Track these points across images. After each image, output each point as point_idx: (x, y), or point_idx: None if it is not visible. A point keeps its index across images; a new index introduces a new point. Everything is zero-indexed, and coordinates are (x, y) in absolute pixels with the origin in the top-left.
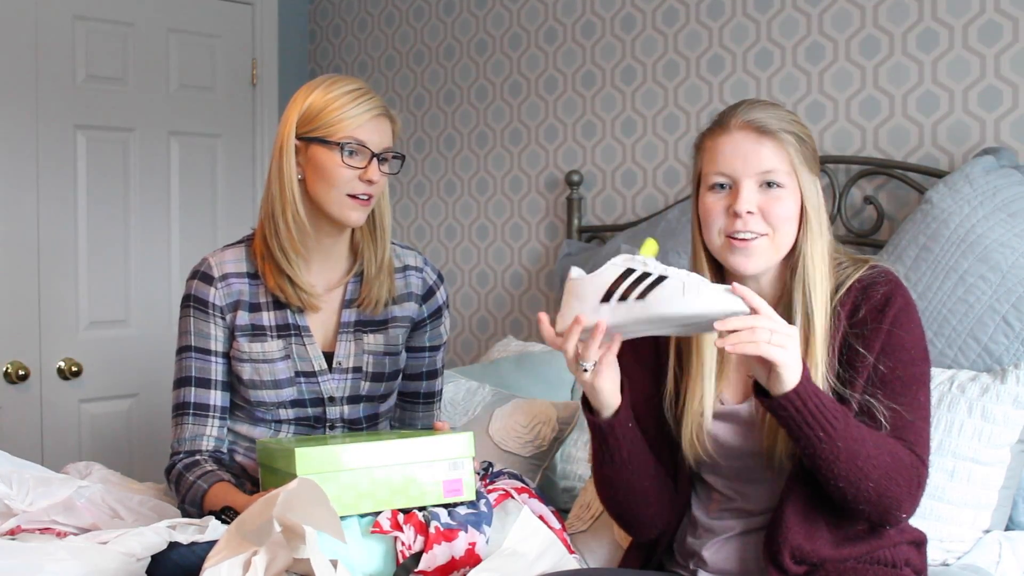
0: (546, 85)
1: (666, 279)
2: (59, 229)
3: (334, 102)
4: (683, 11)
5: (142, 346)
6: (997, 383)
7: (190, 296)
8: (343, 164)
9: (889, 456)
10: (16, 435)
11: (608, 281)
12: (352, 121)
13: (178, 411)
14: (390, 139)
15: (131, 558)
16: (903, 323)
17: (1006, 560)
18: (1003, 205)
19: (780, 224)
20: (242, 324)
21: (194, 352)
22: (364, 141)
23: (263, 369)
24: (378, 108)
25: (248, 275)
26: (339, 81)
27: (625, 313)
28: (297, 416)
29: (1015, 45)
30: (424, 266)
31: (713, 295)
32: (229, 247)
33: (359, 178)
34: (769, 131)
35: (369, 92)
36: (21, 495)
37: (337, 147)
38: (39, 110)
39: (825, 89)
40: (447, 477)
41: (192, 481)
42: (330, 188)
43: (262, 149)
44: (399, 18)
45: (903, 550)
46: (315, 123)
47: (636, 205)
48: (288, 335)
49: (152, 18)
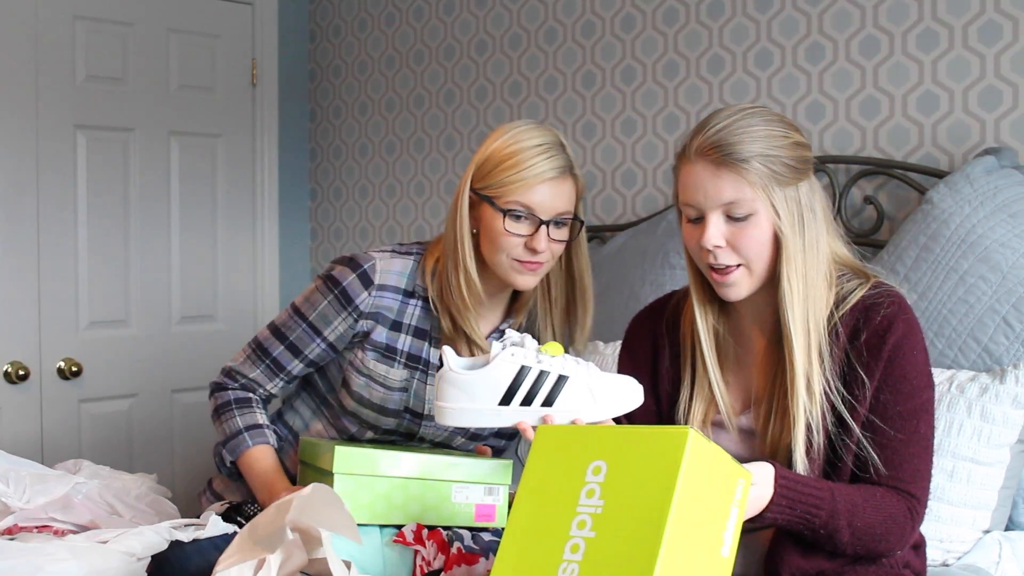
0: (546, 85)
1: (567, 380)
2: (59, 229)
3: (511, 158)
4: (683, 11)
5: (142, 346)
6: (996, 383)
7: (339, 284)
8: (506, 232)
9: (882, 515)
10: (16, 435)
11: (503, 382)
12: (524, 184)
13: (259, 353)
14: (569, 201)
15: (131, 558)
16: (904, 351)
17: (1006, 560)
18: (1004, 205)
19: (751, 254)
20: (377, 340)
21: (307, 325)
22: (532, 207)
23: (377, 392)
24: (556, 169)
25: (404, 292)
26: (529, 132)
27: (531, 416)
28: (378, 440)
29: (1015, 45)
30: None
31: (624, 393)
32: (398, 256)
33: (525, 245)
34: (727, 160)
35: (553, 149)
36: (18, 493)
37: (502, 213)
38: (39, 110)
39: (825, 89)
40: (481, 501)
41: (239, 427)
42: (496, 251)
43: (262, 149)
44: (399, 18)
45: (902, 554)
46: (489, 180)
47: (636, 205)
48: (416, 368)
49: (152, 18)
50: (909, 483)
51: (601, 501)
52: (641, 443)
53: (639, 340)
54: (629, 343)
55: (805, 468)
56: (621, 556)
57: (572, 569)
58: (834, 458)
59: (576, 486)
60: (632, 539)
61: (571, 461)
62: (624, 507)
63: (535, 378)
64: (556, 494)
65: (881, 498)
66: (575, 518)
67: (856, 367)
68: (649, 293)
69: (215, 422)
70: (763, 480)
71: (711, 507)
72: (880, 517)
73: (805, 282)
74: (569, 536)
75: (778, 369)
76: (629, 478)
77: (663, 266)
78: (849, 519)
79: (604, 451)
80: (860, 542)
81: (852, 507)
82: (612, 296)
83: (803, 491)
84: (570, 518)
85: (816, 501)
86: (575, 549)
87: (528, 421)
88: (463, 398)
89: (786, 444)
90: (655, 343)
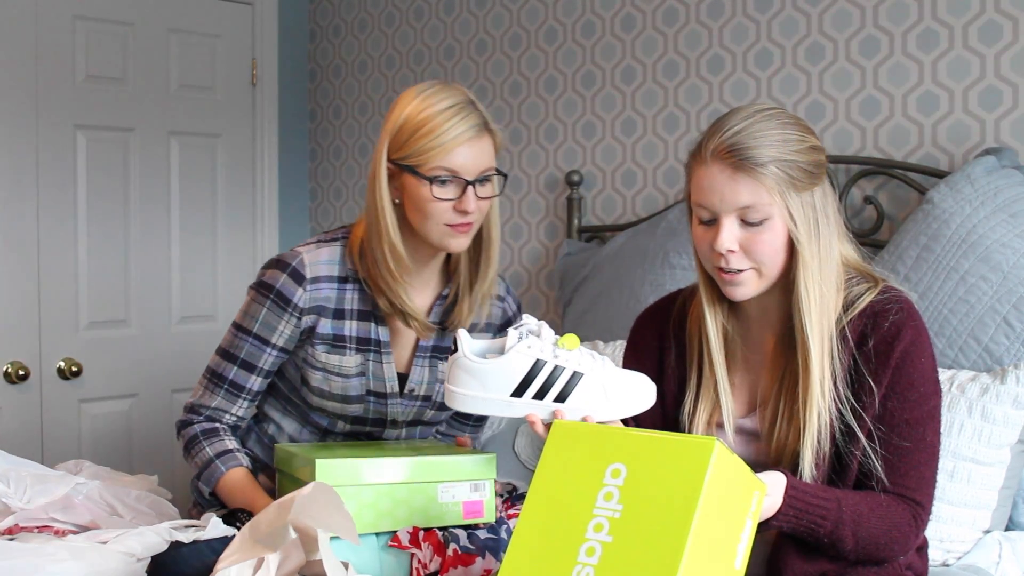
0: (546, 85)
1: (582, 376)
2: (59, 229)
3: (426, 124)
4: (683, 11)
5: (142, 346)
6: (997, 383)
7: (273, 288)
8: (434, 199)
9: (886, 524)
10: (16, 435)
11: (517, 374)
12: (443, 148)
13: (213, 380)
14: (490, 157)
15: (131, 558)
16: (913, 358)
17: (1006, 560)
18: (1004, 205)
19: (764, 259)
20: (323, 333)
21: (253, 338)
22: (456, 170)
23: (335, 382)
24: (472, 129)
25: (339, 279)
26: (437, 95)
27: (542, 411)
28: (353, 431)
29: (1015, 45)
30: (507, 295)
31: (638, 393)
32: (324, 245)
33: (454, 208)
34: (744, 164)
35: (466, 108)
36: (19, 493)
37: (427, 181)
38: (39, 110)
39: (825, 89)
40: (468, 498)
41: (210, 458)
42: (425, 219)
43: (262, 149)
44: (399, 18)
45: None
46: (407, 149)
47: (636, 205)
48: (367, 350)
49: (152, 18)
50: (914, 491)
51: (620, 505)
52: (665, 450)
53: (645, 339)
54: (635, 342)
55: (812, 474)
56: (639, 565)
57: (587, 573)
58: (839, 465)
59: (594, 487)
60: (652, 548)
61: (589, 461)
62: (644, 514)
63: (549, 372)
64: (572, 494)
65: (886, 507)
66: (592, 520)
67: (863, 373)
68: (649, 293)
69: (187, 458)
70: (774, 490)
71: (729, 519)
72: (884, 527)
73: (821, 288)
74: (585, 539)
75: (786, 371)
76: (651, 485)
77: (663, 266)
78: (854, 528)
79: (624, 454)
80: (864, 550)
81: (857, 517)
82: (612, 296)
83: (811, 501)
84: (586, 520)
85: (822, 512)
86: (591, 552)
87: (538, 415)
88: (475, 386)
89: (792, 448)
90: (661, 343)
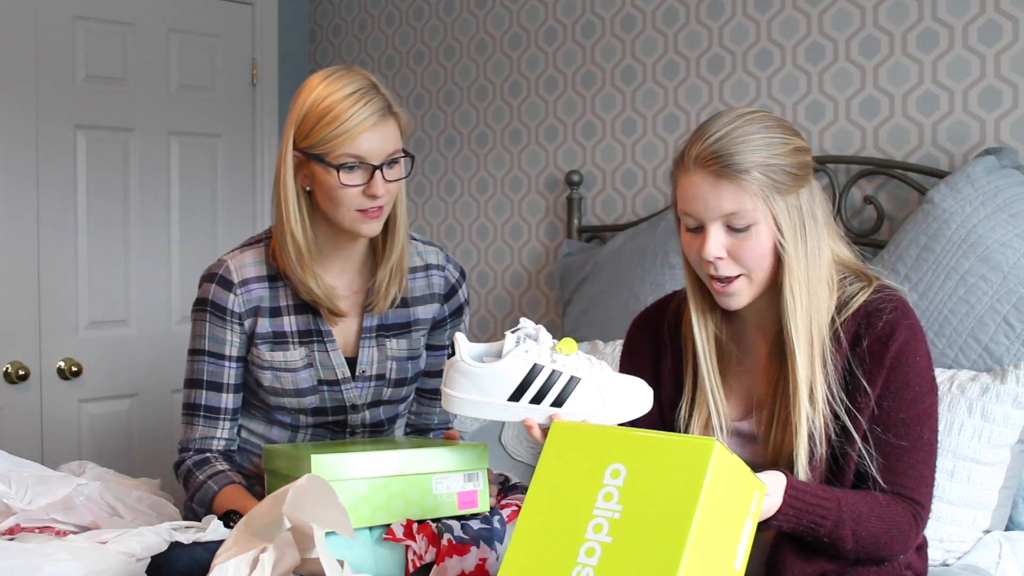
0: (546, 85)
1: (579, 381)
2: (59, 229)
3: (329, 112)
4: (683, 11)
5: (142, 346)
6: (997, 383)
7: (207, 300)
8: (342, 185)
9: (886, 523)
10: (16, 435)
11: (515, 378)
12: (348, 135)
13: (189, 411)
14: (396, 140)
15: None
16: (907, 358)
17: (1006, 560)
18: (1005, 205)
19: (752, 265)
20: (263, 332)
21: (207, 356)
22: (362, 155)
23: (285, 378)
24: (376, 114)
25: (268, 278)
26: (339, 81)
27: (539, 415)
28: (317, 422)
29: (1015, 45)
30: (447, 263)
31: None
32: (248, 248)
33: (363, 193)
34: (726, 171)
35: (369, 93)
36: (20, 494)
37: (334, 168)
38: (39, 110)
39: (825, 89)
40: (462, 489)
41: (203, 481)
42: (336, 206)
43: (262, 149)
44: (399, 18)
45: (904, 556)
46: (312, 138)
47: (636, 205)
48: (311, 341)
49: (152, 18)
50: (913, 489)
51: (619, 506)
52: (664, 450)
53: (641, 343)
54: (630, 347)
55: (807, 476)
56: (639, 565)
57: (587, 573)
58: (836, 466)
59: (593, 487)
60: (652, 548)
61: (588, 461)
62: (644, 515)
63: (547, 377)
64: (571, 493)
65: (886, 506)
66: (591, 521)
67: (858, 374)
68: (649, 293)
69: (186, 492)
70: (775, 490)
71: (729, 519)
72: (884, 526)
73: (807, 290)
74: (584, 539)
75: (780, 374)
76: (650, 485)
77: (663, 266)
78: (854, 528)
79: (624, 454)
80: (863, 549)
81: (857, 516)
82: (612, 296)
83: (811, 501)
84: (586, 520)
85: (822, 512)
86: (590, 553)
87: (536, 419)
88: (473, 389)
89: (788, 451)
90: (657, 347)
